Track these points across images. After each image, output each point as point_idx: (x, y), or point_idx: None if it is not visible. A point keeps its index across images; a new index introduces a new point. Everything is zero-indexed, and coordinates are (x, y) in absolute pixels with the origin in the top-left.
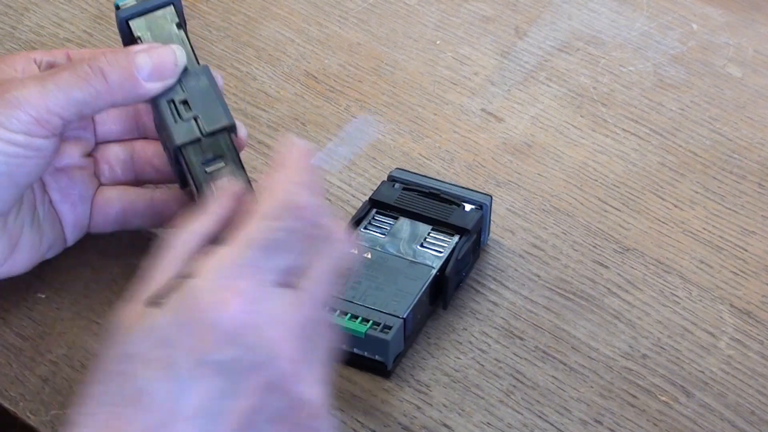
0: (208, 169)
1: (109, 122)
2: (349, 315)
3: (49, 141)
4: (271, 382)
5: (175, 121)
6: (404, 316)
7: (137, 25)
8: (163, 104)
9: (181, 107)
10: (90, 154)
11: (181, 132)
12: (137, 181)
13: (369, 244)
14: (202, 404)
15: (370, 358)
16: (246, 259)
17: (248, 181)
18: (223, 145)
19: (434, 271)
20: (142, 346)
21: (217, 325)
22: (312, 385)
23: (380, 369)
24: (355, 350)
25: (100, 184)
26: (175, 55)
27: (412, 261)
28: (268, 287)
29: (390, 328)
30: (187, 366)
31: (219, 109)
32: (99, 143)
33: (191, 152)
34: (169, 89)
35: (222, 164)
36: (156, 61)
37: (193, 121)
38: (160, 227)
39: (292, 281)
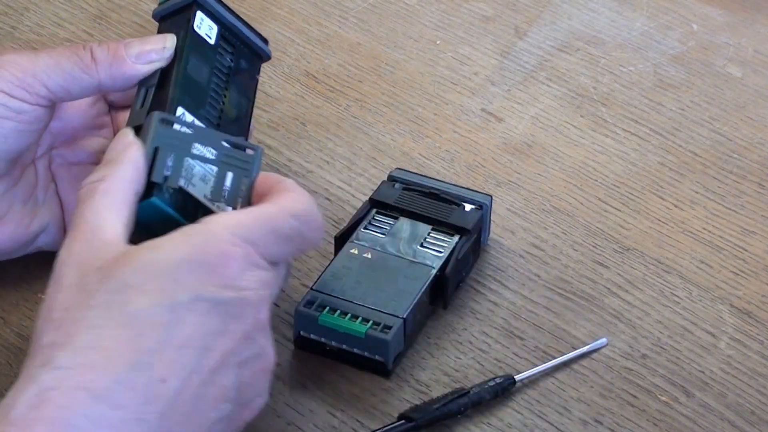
0: None
1: None
2: (349, 315)
3: (30, 107)
4: (250, 332)
5: (141, 106)
6: (404, 316)
7: (161, 27)
8: (141, 89)
9: (149, 92)
10: None
11: (136, 116)
12: None
13: (369, 244)
14: (193, 337)
15: (370, 358)
16: (258, 234)
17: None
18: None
19: (434, 271)
20: (138, 277)
21: (222, 270)
22: (270, 341)
23: (380, 369)
24: (355, 350)
25: None
26: (165, 39)
27: (412, 261)
28: (264, 262)
29: (390, 327)
30: (186, 299)
31: (167, 102)
32: None
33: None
34: (151, 77)
35: None
36: (146, 45)
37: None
38: None
39: (277, 263)
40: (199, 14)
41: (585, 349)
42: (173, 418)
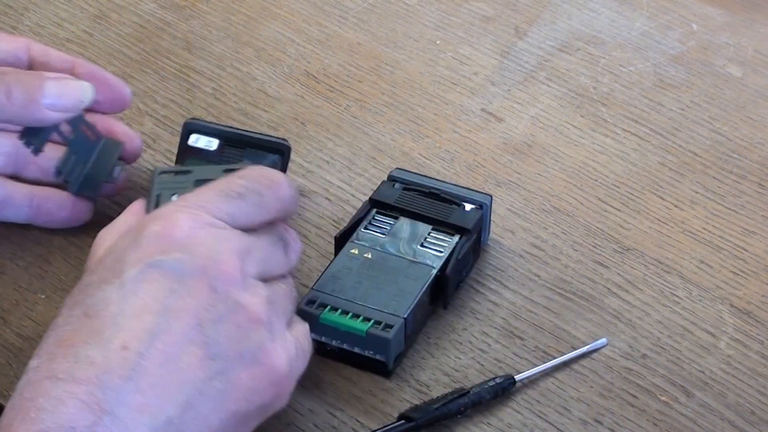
0: None
1: None
2: (350, 314)
3: None
4: (214, 285)
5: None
6: (405, 316)
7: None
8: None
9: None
10: None
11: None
12: (17, 177)
13: (369, 244)
14: (149, 303)
15: (370, 358)
16: (204, 198)
17: None
18: None
19: (434, 271)
20: (99, 270)
21: (166, 235)
22: (251, 294)
23: (381, 368)
24: (356, 349)
25: None
26: (83, 92)
27: (412, 261)
28: (217, 221)
29: (391, 327)
30: (134, 271)
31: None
32: None
33: None
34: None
35: None
36: (63, 91)
37: None
38: (36, 224)
39: (240, 225)
40: (194, 136)
41: (585, 349)
42: (146, 379)
